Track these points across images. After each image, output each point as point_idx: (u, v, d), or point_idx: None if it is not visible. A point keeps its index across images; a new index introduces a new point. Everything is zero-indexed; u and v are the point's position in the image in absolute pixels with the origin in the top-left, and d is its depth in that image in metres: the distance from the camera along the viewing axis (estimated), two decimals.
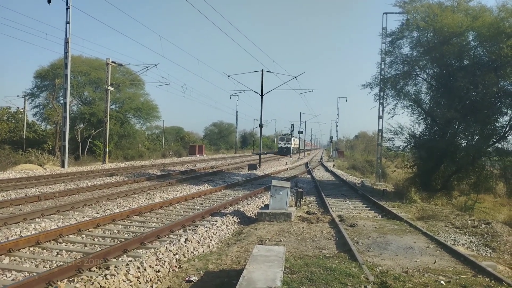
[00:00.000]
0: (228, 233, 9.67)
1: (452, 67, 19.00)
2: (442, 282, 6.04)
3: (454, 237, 9.77)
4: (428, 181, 19.39)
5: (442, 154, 18.62)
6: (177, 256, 7.16)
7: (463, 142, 19.44)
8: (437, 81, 20.20)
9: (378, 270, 6.49)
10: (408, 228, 10.24)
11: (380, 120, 25.71)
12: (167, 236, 8.71)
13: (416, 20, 19.28)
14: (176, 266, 6.69)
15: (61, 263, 6.40)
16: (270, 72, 32.24)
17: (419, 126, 20.57)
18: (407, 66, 20.47)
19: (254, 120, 40.48)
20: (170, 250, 7.27)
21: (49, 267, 6.36)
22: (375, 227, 10.18)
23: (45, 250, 7.32)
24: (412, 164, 21.37)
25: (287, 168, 33.70)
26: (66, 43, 24.17)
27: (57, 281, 5.55)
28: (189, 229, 9.39)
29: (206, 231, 9.12)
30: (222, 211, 11.97)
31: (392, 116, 20.96)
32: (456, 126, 19.03)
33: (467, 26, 17.49)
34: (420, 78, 20.86)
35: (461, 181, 19.56)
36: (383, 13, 24.64)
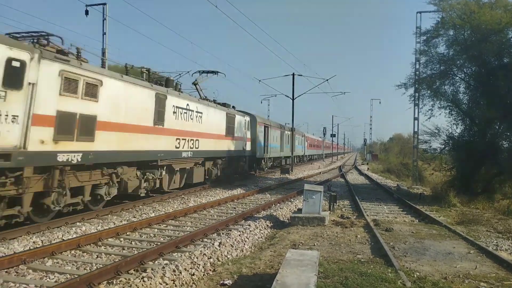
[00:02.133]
0: (261, 237, 9.68)
1: (491, 66, 18.26)
2: None
3: (497, 242, 9.35)
4: (468, 184, 18.67)
5: (482, 156, 17.90)
6: (211, 260, 7.25)
7: (504, 143, 18.63)
8: (476, 80, 19.47)
9: (415, 275, 6.32)
10: (447, 233, 9.91)
11: (416, 121, 25.02)
12: (201, 240, 8.83)
13: (452, 18, 18.70)
14: (210, 270, 6.78)
15: (101, 266, 6.62)
16: (301, 75, 31.93)
17: (457, 127, 19.93)
18: (443, 65, 19.85)
19: (285, 123, 40.48)
20: (204, 254, 7.38)
21: (89, 269, 6.59)
22: (412, 232, 9.92)
23: (85, 253, 7.60)
24: (451, 167, 20.68)
25: (320, 172, 33.39)
26: (103, 53, 25.07)
27: (98, 283, 5.75)
28: (223, 233, 9.49)
29: (239, 235, 9.18)
30: (255, 215, 12.01)
31: (429, 118, 20.43)
32: (497, 127, 18.28)
33: (507, 22, 16.79)
34: (457, 78, 20.18)
35: (503, 184, 18.70)
36: (417, 12, 23.93)
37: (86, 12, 21.11)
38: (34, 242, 7.96)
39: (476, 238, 9.58)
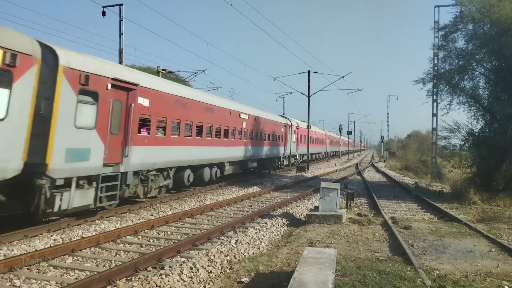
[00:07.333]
0: (278, 235, 9.67)
1: None
2: (506, 287, 5.67)
3: None
4: (489, 181, 18.27)
5: (504, 152, 17.51)
6: (228, 258, 7.27)
7: None
8: (496, 75, 19.03)
9: (435, 274, 6.21)
10: (468, 230, 9.72)
11: (434, 118, 24.62)
12: (218, 237, 8.86)
13: (471, 11, 18.28)
14: (227, 267, 6.80)
15: (120, 263, 6.70)
16: (317, 72, 31.92)
17: (477, 123, 19.51)
18: (462, 60, 19.44)
19: (301, 121, 40.39)
20: (221, 252, 7.40)
21: (109, 266, 6.68)
22: (431, 230, 9.76)
23: (104, 250, 7.71)
24: (471, 164, 20.26)
25: (336, 170, 33.16)
26: (120, 53, 25.34)
27: (116, 280, 5.83)
28: (239, 231, 9.50)
29: (256, 233, 9.19)
30: (271, 213, 12.00)
31: (447, 112, 20.13)
32: None
33: None
34: (477, 73, 19.75)
35: None
36: (435, 6, 23.63)
37: (103, 13, 21.38)
38: (54, 240, 8.12)
39: (498, 236, 9.37)
